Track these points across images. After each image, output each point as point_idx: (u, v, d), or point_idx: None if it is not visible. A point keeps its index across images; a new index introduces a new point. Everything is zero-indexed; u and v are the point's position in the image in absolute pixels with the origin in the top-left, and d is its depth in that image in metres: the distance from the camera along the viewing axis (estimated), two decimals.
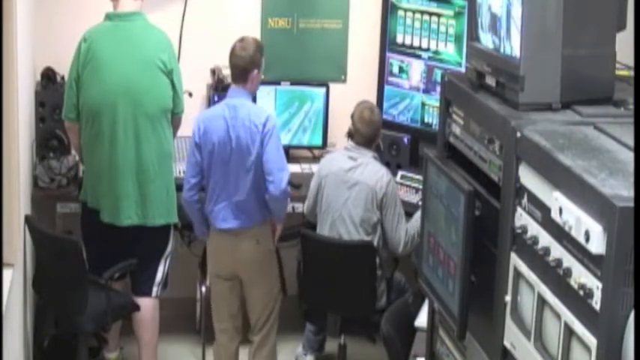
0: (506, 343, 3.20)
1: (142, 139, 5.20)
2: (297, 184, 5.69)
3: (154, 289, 5.42)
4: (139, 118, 5.19)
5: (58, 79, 5.77)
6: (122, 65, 5.19)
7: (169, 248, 5.47)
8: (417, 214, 5.19)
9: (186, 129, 5.90)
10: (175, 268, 5.67)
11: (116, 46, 5.22)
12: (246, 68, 5.07)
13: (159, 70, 5.22)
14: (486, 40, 3.56)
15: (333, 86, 6.27)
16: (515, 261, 3.13)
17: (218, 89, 6.00)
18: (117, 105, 5.17)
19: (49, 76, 5.76)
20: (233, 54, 5.11)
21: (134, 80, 5.19)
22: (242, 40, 5.15)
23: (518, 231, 3.08)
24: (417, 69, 6.06)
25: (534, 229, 2.97)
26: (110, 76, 5.18)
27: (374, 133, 5.38)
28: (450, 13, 5.83)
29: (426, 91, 6.04)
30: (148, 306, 5.39)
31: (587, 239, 2.58)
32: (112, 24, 5.27)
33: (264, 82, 6.21)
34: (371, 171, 5.28)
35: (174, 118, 5.37)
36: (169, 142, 5.33)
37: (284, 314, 5.15)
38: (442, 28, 5.88)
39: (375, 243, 5.28)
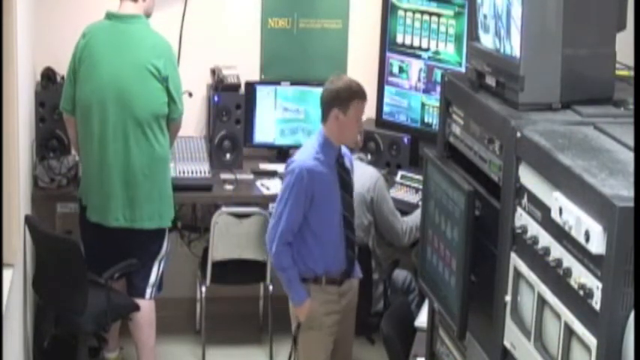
0: (506, 343, 3.20)
1: (130, 142, 5.16)
2: None
3: (148, 291, 5.40)
4: (127, 121, 5.14)
5: (58, 79, 5.76)
6: (114, 67, 5.15)
7: (163, 251, 5.42)
8: (417, 211, 5.18)
9: (187, 129, 5.90)
10: (176, 268, 5.66)
11: (111, 46, 5.19)
12: (324, 103, 4.69)
13: (151, 76, 5.15)
14: (486, 40, 3.56)
15: None
16: (515, 261, 3.12)
17: (218, 89, 6.00)
18: (106, 106, 5.14)
19: (49, 76, 5.76)
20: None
21: (124, 83, 5.14)
22: (335, 74, 4.83)
23: (518, 231, 3.08)
24: (416, 69, 6.05)
25: (534, 229, 2.97)
26: (102, 76, 5.15)
27: None
28: (450, 13, 5.83)
29: (426, 91, 6.04)
30: (143, 308, 5.36)
31: (587, 239, 2.58)
32: (110, 23, 5.24)
33: (265, 82, 6.23)
34: (356, 175, 5.26)
35: (172, 123, 5.32)
36: (163, 146, 5.25)
37: (285, 313, 5.12)
38: (442, 28, 5.88)
39: (370, 245, 5.28)
